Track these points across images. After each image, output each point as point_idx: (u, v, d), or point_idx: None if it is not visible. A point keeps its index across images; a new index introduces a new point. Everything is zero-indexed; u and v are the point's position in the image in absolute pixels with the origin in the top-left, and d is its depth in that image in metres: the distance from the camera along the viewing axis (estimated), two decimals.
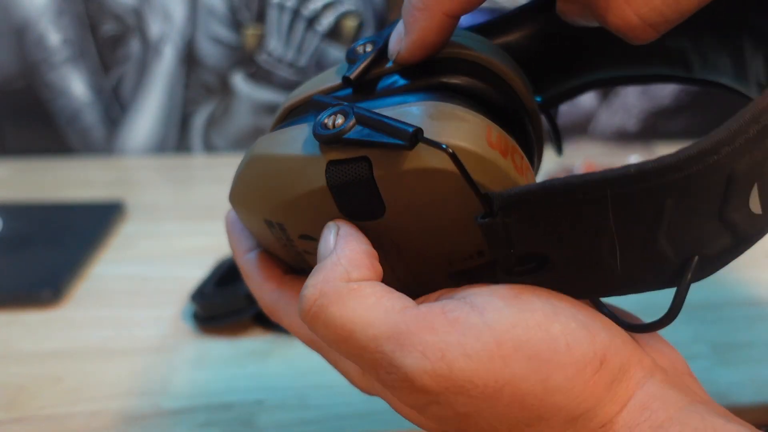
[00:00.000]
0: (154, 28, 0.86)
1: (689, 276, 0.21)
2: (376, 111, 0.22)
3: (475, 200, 0.21)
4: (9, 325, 0.51)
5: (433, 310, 0.20)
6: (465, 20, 0.24)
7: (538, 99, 0.28)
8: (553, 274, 0.22)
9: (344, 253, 0.21)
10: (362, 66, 0.24)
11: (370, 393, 0.25)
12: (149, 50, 0.87)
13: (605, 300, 0.25)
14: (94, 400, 0.43)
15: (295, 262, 0.28)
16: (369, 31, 0.89)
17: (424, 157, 0.21)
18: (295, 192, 0.24)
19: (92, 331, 0.51)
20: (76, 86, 0.88)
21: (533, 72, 0.27)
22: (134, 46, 0.87)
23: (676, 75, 0.26)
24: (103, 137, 0.91)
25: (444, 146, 0.20)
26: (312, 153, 0.23)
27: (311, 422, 0.41)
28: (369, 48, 0.25)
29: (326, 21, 0.88)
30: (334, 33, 0.88)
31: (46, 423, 0.41)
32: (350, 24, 0.88)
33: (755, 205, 0.20)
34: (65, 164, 0.88)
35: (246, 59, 0.89)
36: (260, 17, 0.87)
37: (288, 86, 0.90)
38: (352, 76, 0.24)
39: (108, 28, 0.86)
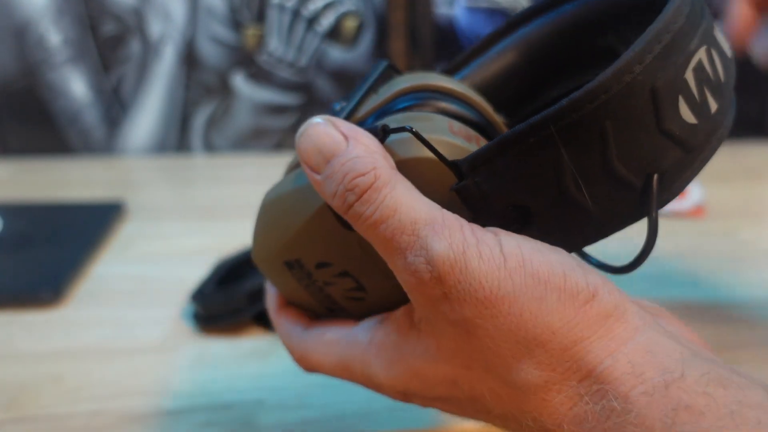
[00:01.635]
0: (155, 28, 0.86)
1: (654, 195, 0.22)
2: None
3: (446, 180, 0.24)
4: (9, 325, 0.51)
5: (462, 221, 0.23)
6: (465, 20, 0.25)
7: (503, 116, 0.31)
8: (539, 225, 0.24)
9: (366, 142, 0.24)
10: (348, 108, 0.27)
11: (400, 395, 0.26)
12: (149, 50, 0.87)
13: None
14: (95, 400, 0.43)
15: (319, 301, 0.30)
16: (369, 31, 0.89)
17: (395, 152, 0.24)
18: (300, 221, 0.26)
19: (92, 331, 0.51)
20: (76, 86, 0.88)
21: (500, 96, 0.31)
22: (134, 46, 0.87)
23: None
24: (103, 137, 0.91)
25: (408, 127, 0.23)
26: (305, 182, 0.26)
27: (312, 422, 0.41)
28: (344, 104, 0.28)
29: (326, 21, 0.88)
30: (334, 33, 0.89)
31: (47, 423, 0.41)
32: (350, 24, 0.88)
33: (688, 115, 0.22)
34: (65, 164, 0.88)
35: (246, 59, 0.89)
36: (260, 17, 0.87)
37: (288, 87, 0.90)
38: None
39: (108, 28, 0.86)
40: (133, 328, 0.51)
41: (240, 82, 0.90)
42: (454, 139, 0.24)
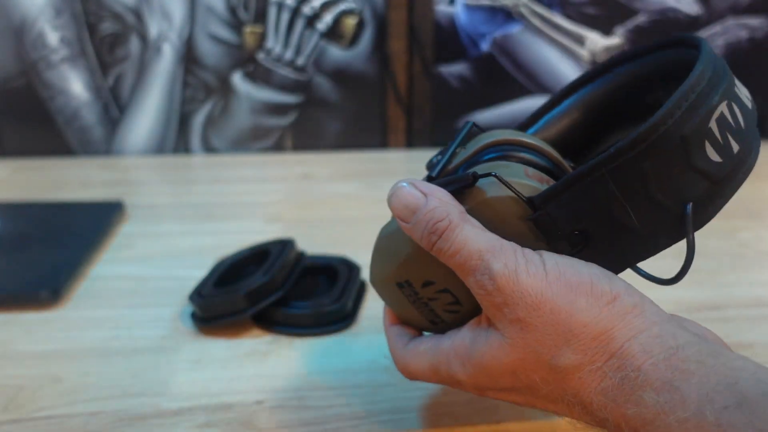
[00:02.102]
0: (153, 27, 0.86)
1: (691, 219, 0.29)
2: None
3: (522, 212, 0.31)
4: (8, 326, 0.51)
5: (514, 245, 0.31)
6: (465, 18, 0.25)
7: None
8: (598, 245, 0.31)
9: (440, 196, 0.32)
10: (441, 163, 0.35)
11: (476, 390, 0.33)
12: (148, 49, 0.87)
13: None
14: (93, 401, 0.43)
15: (424, 315, 0.37)
16: (368, 30, 0.88)
17: (484, 192, 0.32)
18: (408, 250, 0.34)
19: (91, 332, 0.51)
20: (74, 85, 0.88)
21: (566, 145, 0.38)
22: (133, 45, 0.86)
23: None
24: (102, 137, 0.91)
25: (493, 173, 0.31)
26: None
27: (311, 423, 0.41)
28: (439, 157, 0.36)
29: (326, 19, 0.88)
30: (333, 32, 0.88)
31: (45, 424, 0.41)
32: (350, 22, 0.88)
33: (713, 155, 0.29)
34: (65, 164, 0.88)
35: (245, 58, 0.88)
36: (260, 16, 0.87)
37: (287, 86, 0.90)
38: (435, 173, 0.35)
39: (106, 26, 0.85)
40: (132, 328, 0.51)
41: (239, 81, 0.89)
42: (529, 182, 0.32)
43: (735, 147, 0.29)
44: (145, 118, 0.90)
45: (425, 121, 0.94)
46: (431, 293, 0.35)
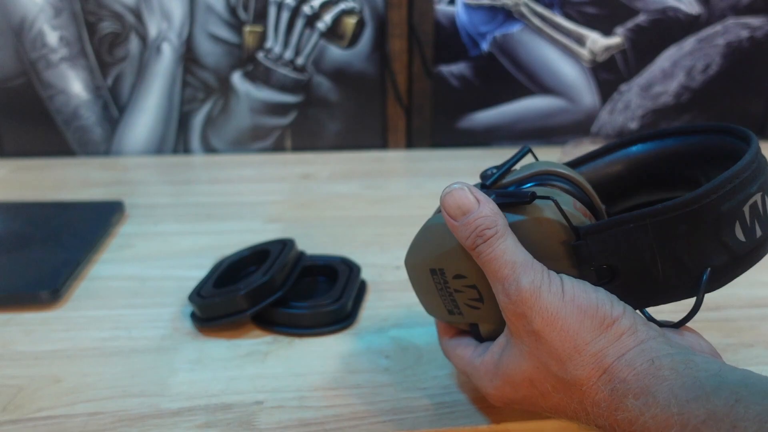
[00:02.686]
0: (153, 26, 0.86)
1: (704, 284, 0.34)
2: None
3: (565, 237, 0.35)
4: (7, 326, 0.51)
5: (541, 266, 0.35)
6: (465, 17, 0.25)
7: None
8: (622, 282, 0.35)
9: (491, 206, 0.36)
10: (496, 176, 0.39)
11: (500, 402, 0.38)
12: (148, 49, 0.87)
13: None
14: (93, 401, 0.43)
15: (444, 302, 0.40)
16: (368, 29, 0.88)
17: (538, 211, 0.36)
18: (452, 243, 0.37)
19: (91, 332, 0.51)
20: (74, 85, 0.87)
21: (604, 191, 0.43)
22: (133, 44, 0.86)
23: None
24: (101, 137, 0.91)
25: (552, 198, 0.35)
26: None
27: (311, 423, 0.41)
28: (495, 170, 0.39)
29: (325, 19, 0.87)
30: (333, 31, 0.88)
31: (45, 424, 0.41)
32: (349, 21, 0.88)
33: (740, 234, 0.33)
34: (64, 164, 0.88)
35: (245, 57, 0.88)
36: (259, 16, 0.87)
37: (287, 85, 0.90)
38: (489, 183, 0.39)
39: (106, 26, 0.85)
40: (131, 328, 0.51)
41: (238, 80, 0.89)
42: (576, 213, 0.36)
43: (759, 232, 0.34)
44: (145, 117, 0.90)
45: (425, 120, 0.94)
46: (459, 286, 0.38)
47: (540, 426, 0.41)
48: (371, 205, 0.74)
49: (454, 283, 0.39)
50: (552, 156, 0.70)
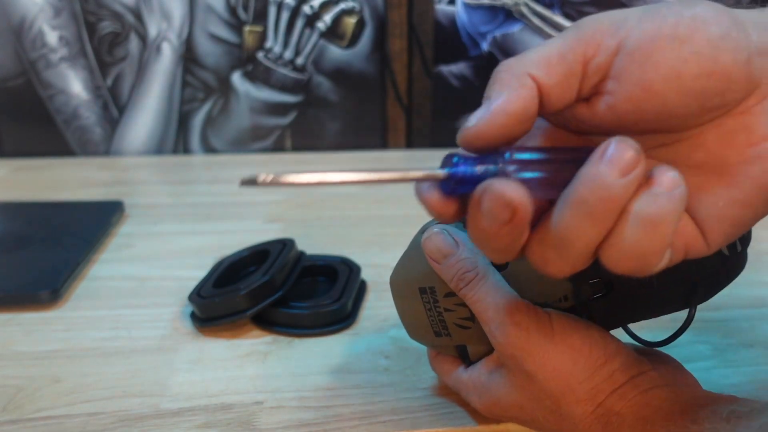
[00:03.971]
0: (153, 26, 0.86)
1: (698, 294, 0.35)
2: None
3: None
4: (7, 326, 0.51)
5: (529, 305, 0.35)
6: (465, 17, 0.25)
7: None
8: (617, 296, 0.35)
9: (471, 245, 0.35)
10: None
11: (488, 415, 0.38)
12: (147, 49, 0.87)
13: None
14: (93, 402, 0.43)
15: (432, 323, 0.39)
16: (368, 29, 0.88)
17: None
18: None
19: (91, 332, 0.50)
20: (73, 85, 0.87)
21: None
22: (132, 44, 0.86)
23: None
24: (101, 137, 0.91)
25: None
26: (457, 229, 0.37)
27: (311, 423, 0.41)
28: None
29: (325, 19, 0.87)
30: (333, 31, 0.88)
31: (44, 424, 0.41)
32: (349, 21, 0.88)
33: (725, 249, 0.35)
34: (64, 164, 0.88)
35: (245, 57, 0.88)
36: (259, 15, 0.87)
37: (287, 85, 0.90)
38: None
39: (105, 25, 0.85)
40: (131, 328, 0.51)
41: (238, 80, 0.89)
42: None
43: (739, 247, 0.36)
44: (145, 117, 0.90)
45: (425, 120, 0.94)
46: (450, 304, 0.38)
47: None
48: (371, 205, 0.74)
49: (445, 302, 0.38)
50: None
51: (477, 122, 0.25)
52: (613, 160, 0.23)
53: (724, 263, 0.35)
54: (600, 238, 0.24)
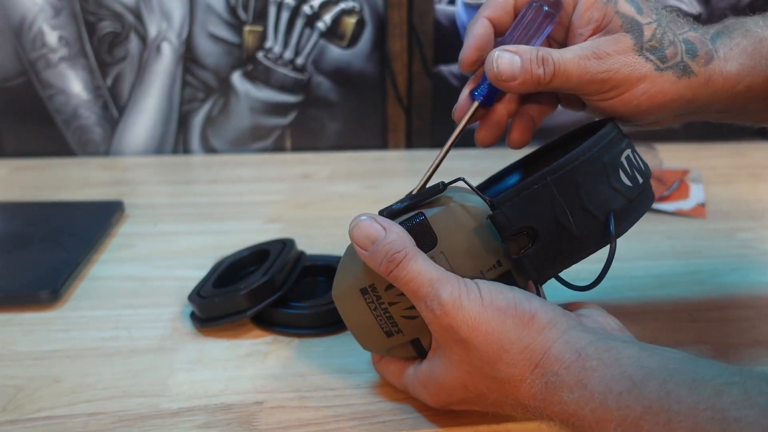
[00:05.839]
0: (152, 26, 0.86)
1: (613, 226, 0.38)
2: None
3: (483, 213, 0.38)
4: (7, 326, 0.51)
5: (457, 277, 0.37)
6: (465, 17, 0.25)
7: None
8: (543, 243, 0.37)
9: (397, 230, 0.37)
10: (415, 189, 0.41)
11: (440, 406, 0.40)
12: (147, 49, 0.87)
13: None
14: (93, 401, 0.43)
15: (381, 323, 0.40)
16: (368, 29, 0.88)
17: (451, 199, 0.39)
18: None
19: (90, 332, 0.50)
20: (73, 85, 0.87)
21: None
22: (132, 44, 0.86)
23: None
24: (101, 137, 0.90)
25: (463, 177, 0.39)
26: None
27: (311, 423, 0.41)
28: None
29: (325, 18, 0.87)
30: (333, 31, 0.88)
31: (44, 424, 0.41)
32: (349, 21, 0.88)
33: (626, 180, 0.39)
34: (64, 164, 0.88)
35: (245, 57, 0.88)
36: (259, 15, 0.87)
37: (287, 85, 0.90)
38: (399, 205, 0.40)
39: (105, 25, 0.85)
40: (131, 328, 0.51)
41: (238, 80, 0.89)
42: (485, 198, 0.39)
43: (640, 179, 0.40)
44: (145, 117, 0.90)
45: (425, 120, 0.94)
46: (392, 297, 0.39)
47: (541, 426, 0.41)
48: (371, 205, 0.74)
49: (387, 296, 0.39)
50: None
51: (461, 54, 0.44)
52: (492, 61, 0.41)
53: (627, 195, 0.39)
54: None
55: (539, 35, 0.42)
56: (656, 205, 0.72)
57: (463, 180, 0.39)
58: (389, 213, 0.39)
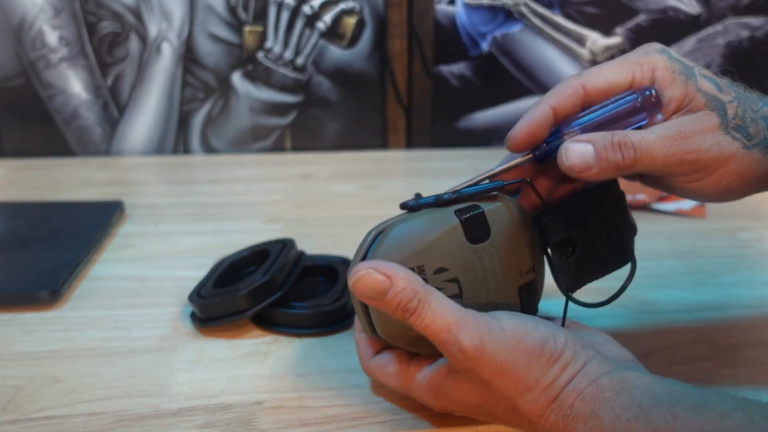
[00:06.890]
0: (153, 26, 0.86)
1: (632, 249, 0.43)
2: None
3: (533, 215, 0.41)
4: (7, 326, 0.51)
5: (476, 316, 0.36)
6: (465, 17, 0.25)
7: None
8: (580, 255, 0.40)
9: (402, 276, 0.36)
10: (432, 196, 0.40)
11: (443, 410, 0.40)
12: (147, 49, 0.87)
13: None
14: (93, 401, 0.43)
15: None
16: (368, 29, 0.88)
17: (508, 197, 0.41)
18: (434, 233, 0.38)
19: (91, 332, 0.50)
20: (74, 85, 0.87)
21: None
22: (132, 44, 0.86)
23: None
24: (101, 137, 0.90)
25: (527, 180, 0.40)
26: (432, 213, 0.39)
27: (311, 423, 0.41)
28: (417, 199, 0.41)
29: (325, 19, 0.87)
30: (333, 31, 0.88)
31: (44, 424, 0.41)
32: (349, 21, 0.88)
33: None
34: (64, 164, 0.88)
35: (245, 57, 0.88)
36: (259, 15, 0.87)
37: (287, 85, 0.90)
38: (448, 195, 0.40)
39: (105, 25, 0.85)
40: (131, 328, 0.51)
41: (238, 80, 0.89)
42: (543, 201, 0.41)
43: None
44: (145, 117, 0.90)
45: (425, 120, 0.94)
46: (439, 282, 0.38)
47: None
48: (371, 205, 0.74)
49: (434, 280, 0.38)
50: None
51: (512, 132, 0.39)
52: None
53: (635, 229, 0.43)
54: None
55: (620, 126, 0.39)
56: (656, 205, 0.72)
57: (528, 182, 0.40)
58: (437, 201, 0.39)
